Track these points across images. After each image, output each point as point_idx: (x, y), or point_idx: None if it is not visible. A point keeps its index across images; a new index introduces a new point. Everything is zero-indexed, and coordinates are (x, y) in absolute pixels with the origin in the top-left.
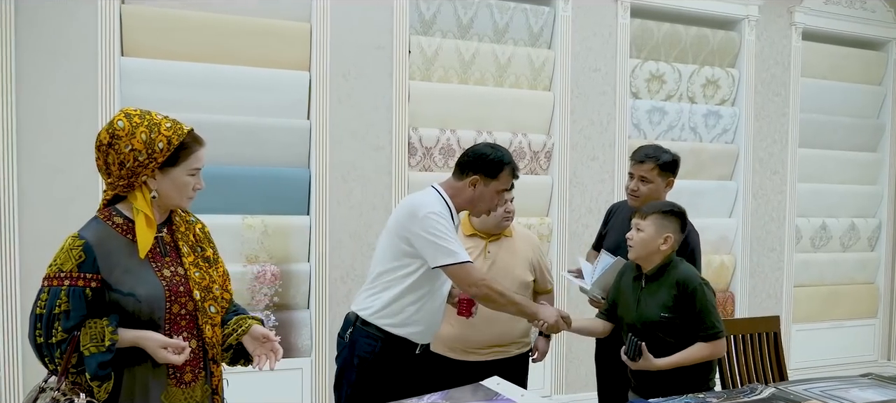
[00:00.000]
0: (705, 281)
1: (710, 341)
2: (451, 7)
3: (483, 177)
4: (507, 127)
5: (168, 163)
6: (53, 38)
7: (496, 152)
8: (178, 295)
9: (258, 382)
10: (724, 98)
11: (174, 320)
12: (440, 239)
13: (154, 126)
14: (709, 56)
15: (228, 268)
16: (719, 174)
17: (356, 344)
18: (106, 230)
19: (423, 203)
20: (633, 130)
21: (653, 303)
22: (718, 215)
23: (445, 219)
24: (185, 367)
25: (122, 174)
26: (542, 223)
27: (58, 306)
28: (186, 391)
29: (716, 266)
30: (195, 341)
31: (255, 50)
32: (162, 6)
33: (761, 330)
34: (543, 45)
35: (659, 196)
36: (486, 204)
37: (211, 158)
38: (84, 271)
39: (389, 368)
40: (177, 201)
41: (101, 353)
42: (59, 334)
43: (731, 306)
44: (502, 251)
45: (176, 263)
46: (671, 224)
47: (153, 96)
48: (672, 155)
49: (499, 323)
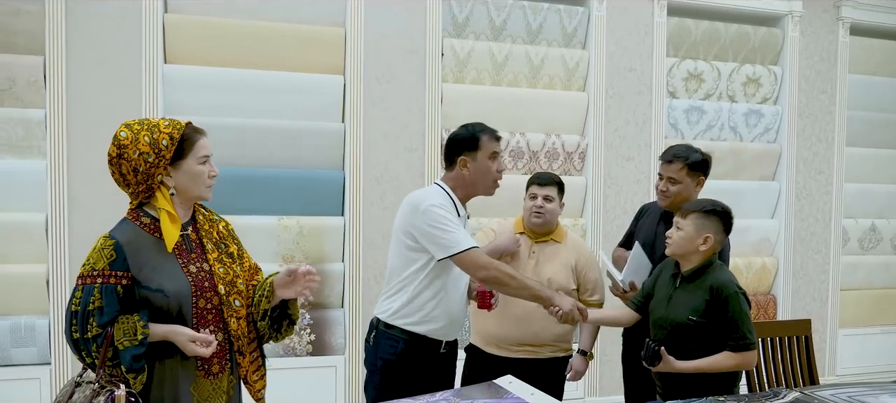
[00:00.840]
0: (742, 290)
1: (740, 351)
2: (484, 9)
3: (468, 154)
4: (541, 128)
5: (176, 157)
6: (101, 47)
7: (468, 128)
8: (204, 290)
9: (293, 379)
10: (766, 96)
11: (201, 314)
12: (442, 229)
13: (153, 127)
14: (750, 53)
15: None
16: (761, 174)
17: (379, 347)
18: (134, 230)
19: (424, 197)
20: (671, 130)
21: (683, 305)
22: (760, 216)
23: (447, 210)
24: (213, 359)
25: (138, 180)
26: (575, 224)
27: (92, 303)
28: (214, 382)
29: (757, 268)
30: (221, 334)
31: (292, 55)
32: (202, 15)
33: (792, 333)
34: (577, 45)
35: (689, 196)
36: (486, 177)
37: (248, 161)
38: (115, 269)
39: (414, 368)
40: (196, 191)
41: (134, 347)
42: (94, 329)
43: (773, 309)
44: (546, 253)
45: (201, 259)
46: (712, 224)
47: (194, 102)
48: (702, 154)
49: (532, 323)
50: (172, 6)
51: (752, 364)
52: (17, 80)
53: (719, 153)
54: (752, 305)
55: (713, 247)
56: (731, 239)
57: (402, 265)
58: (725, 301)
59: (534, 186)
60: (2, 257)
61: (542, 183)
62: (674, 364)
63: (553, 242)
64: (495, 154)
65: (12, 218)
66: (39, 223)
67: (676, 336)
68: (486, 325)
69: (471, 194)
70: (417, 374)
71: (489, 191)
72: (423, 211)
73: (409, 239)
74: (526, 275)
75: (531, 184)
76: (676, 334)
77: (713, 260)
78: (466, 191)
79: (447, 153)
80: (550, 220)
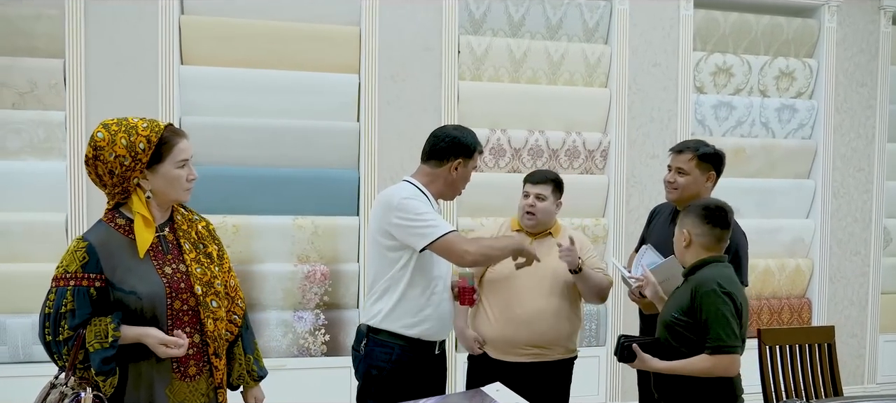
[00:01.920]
0: (726, 289)
1: (715, 355)
2: (502, 5)
3: (463, 160)
4: (561, 125)
5: (154, 160)
6: (118, 49)
7: (466, 135)
8: (180, 291)
9: (307, 379)
10: (801, 90)
11: (176, 315)
12: (418, 220)
13: (131, 129)
14: (783, 46)
15: (280, 268)
16: (795, 172)
17: (372, 355)
18: (109, 232)
19: (396, 192)
20: (698, 126)
21: (673, 303)
22: (794, 215)
23: (421, 200)
24: (189, 361)
25: (114, 182)
26: (597, 224)
27: (64, 305)
28: (191, 384)
29: (790, 270)
30: (198, 335)
31: (307, 54)
32: (218, 15)
33: (813, 340)
34: (599, 40)
35: (698, 190)
36: (462, 185)
37: (263, 160)
38: (88, 271)
39: (410, 373)
40: (174, 195)
41: (104, 349)
42: (66, 332)
43: (808, 313)
44: (545, 249)
45: (177, 260)
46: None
47: (210, 102)
48: (714, 148)
49: (539, 323)
50: (188, 7)
51: (732, 370)
52: (39, 83)
53: (750, 150)
54: (785, 309)
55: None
56: (762, 240)
57: (384, 267)
58: (701, 299)
59: (527, 184)
60: (24, 256)
61: (536, 181)
62: (649, 362)
63: (550, 237)
64: (476, 167)
65: (34, 218)
66: (60, 223)
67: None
68: (491, 330)
69: (442, 194)
70: (413, 379)
71: (452, 197)
72: (396, 205)
73: (386, 239)
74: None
75: (525, 182)
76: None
77: (713, 259)
78: (441, 190)
79: (442, 149)
80: (543, 220)
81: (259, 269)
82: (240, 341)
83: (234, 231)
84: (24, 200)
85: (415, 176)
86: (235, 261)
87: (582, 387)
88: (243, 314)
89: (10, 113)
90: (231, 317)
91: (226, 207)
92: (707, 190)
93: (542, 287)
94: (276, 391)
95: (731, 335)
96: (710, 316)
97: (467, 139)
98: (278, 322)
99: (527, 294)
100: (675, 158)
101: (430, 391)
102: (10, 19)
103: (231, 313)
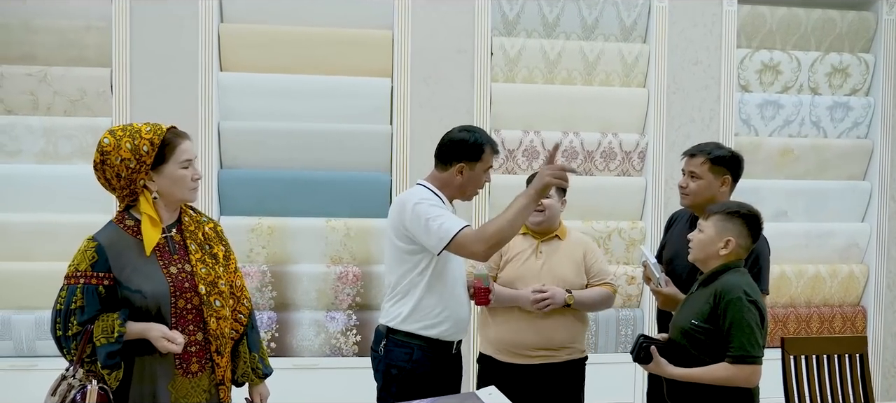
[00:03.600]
0: (752, 298)
1: (736, 364)
2: (536, 5)
3: (468, 163)
4: (596, 126)
5: (158, 161)
6: (161, 58)
7: (473, 135)
8: (184, 290)
9: (338, 379)
10: (856, 87)
11: (180, 314)
12: (434, 220)
13: (135, 133)
14: (836, 41)
15: (313, 269)
16: (849, 173)
17: (391, 355)
18: (118, 232)
19: (410, 196)
20: (742, 126)
21: (690, 310)
22: (847, 219)
23: (435, 201)
24: (191, 358)
25: (122, 185)
26: (634, 227)
27: (74, 302)
28: (193, 380)
29: (843, 276)
30: (201, 333)
31: (341, 59)
32: (255, 23)
33: (844, 351)
34: (637, 39)
35: (712, 195)
36: (476, 186)
37: (298, 164)
38: (97, 270)
39: (429, 373)
40: (180, 194)
41: (110, 344)
42: (75, 327)
43: (863, 322)
44: (554, 252)
45: (183, 260)
46: (735, 227)
47: (247, 107)
48: (729, 151)
49: (547, 324)
50: (228, 16)
51: (752, 380)
52: (88, 91)
53: (799, 150)
54: (837, 317)
55: (736, 252)
56: (812, 244)
57: (402, 270)
58: (726, 306)
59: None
60: None
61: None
62: (665, 367)
63: (557, 239)
64: (490, 167)
65: (85, 220)
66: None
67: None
68: (499, 333)
69: (456, 197)
70: (432, 379)
71: (469, 198)
72: (410, 210)
73: (403, 242)
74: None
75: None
76: (684, 339)
77: (733, 264)
78: (454, 194)
79: (444, 153)
80: (550, 218)
81: (293, 270)
82: (245, 339)
83: (269, 232)
84: (76, 203)
85: (428, 178)
86: (270, 262)
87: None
88: (249, 313)
89: (63, 120)
90: (236, 317)
91: (261, 209)
92: (723, 194)
93: None
94: (308, 389)
95: (755, 345)
96: (734, 323)
97: (472, 141)
98: (311, 322)
99: None
100: (688, 162)
101: (447, 390)
102: (63, 31)
103: (237, 312)
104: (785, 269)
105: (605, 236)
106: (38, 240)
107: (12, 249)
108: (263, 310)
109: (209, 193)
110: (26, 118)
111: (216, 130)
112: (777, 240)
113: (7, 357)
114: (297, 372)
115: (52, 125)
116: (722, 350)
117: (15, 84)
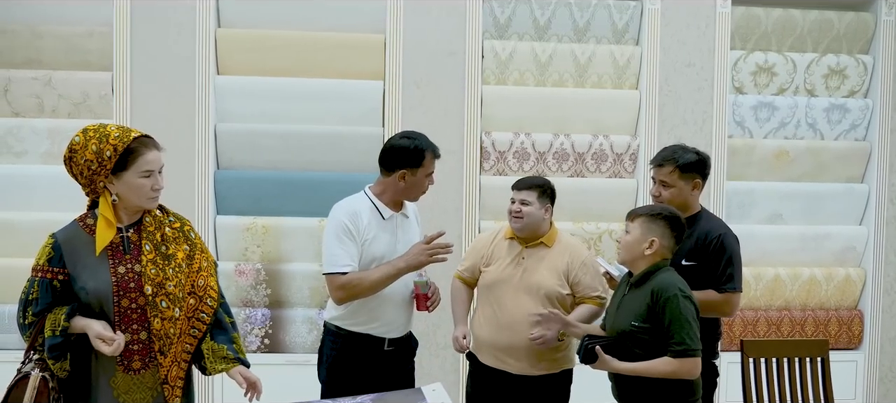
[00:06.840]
0: (686, 293)
1: (679, 358)
2: (527, 8)
3: (409, 170)
4: (588, 128)
5: (118, 167)
6: (160, 61)
7: (414, 142)
8: (129, 290)
9: None
10: (854, 89)
11: (124, 313)
12: (327, 249)
13: (104, 137)
14: (833, 42)
15: (306, 267)
16: (846, 176)
17: (324, 345)
18: (76, 230)
19: (337, 207)
20: (736, 128)
21: (627, 312)
22: (845, 222)
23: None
24: (134, 356)
25: (85, 182)
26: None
27: (32, 294)
28: (136, 377)
29: (839, 280)
30: (145, 333)
31: (334, 63)
32: (251, 27)
33: (804, 354)
34: (629, 41)
35: (684, 200)
36: (419, 190)
37: (292, 165)
38: (52, 265)
39: (355, 365)
40: (137, 201)
41: (54, 337)
42: (30, 317)
43: (859, 326)
44: (534, 259)
45: (134, 261)
46: (658, 228)
47: (243, 110)
48: (696, 154)
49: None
50: (224, 21)
51: (694, 373)
52: (90, 95)
53: (795, 152)
54: (833, 320)
55: (660, 252)
56: (808, 247)
57: None
58: (664, 304)
59: (513, 191)
60: None
61: (519, 188)
62: (611, 363)
63: (543, 246)
64: (431, 173)
65: None
66: None
67: (621, 345)
68: (477, 330)
69: (399, 200)
70: (360, 372)
71: (415, 200)
72: (328, 219)
73: None
74: (376, 269)
75: (512, 189)
76: (621, 342)
77: (661, 265)
78: (395, 198)
79: (387, 160)
80: (530, 224)
81: (287, 268)
82: (208, 337)
83: (263, 231)
84: (77, 202)
85: (375, 184)
86: (265, 260)
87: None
88: (214, 312)
89: (67, 122)
90: (198, 316)
91: (256, 209)
92: (694, 197)
93: (528, 295)
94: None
95: (695, 339)
96: (674, 320)
97: (412, 147)
98: (304, 319)
99: (512, 300)
100: (657, 171)
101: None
102: (67, 37)
103: (199, 312)
104: (779, 272)
105: (595, 237)
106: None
107: (19, 246)
108: (258, 307)
109: (205, 193)
110: (32, 120)
111: (213, 132)
112: (771, 243)
113: (13, 349)
114: (291, 368)
115: (57, 127)
116: (661, 345)
117: (21, 88)
